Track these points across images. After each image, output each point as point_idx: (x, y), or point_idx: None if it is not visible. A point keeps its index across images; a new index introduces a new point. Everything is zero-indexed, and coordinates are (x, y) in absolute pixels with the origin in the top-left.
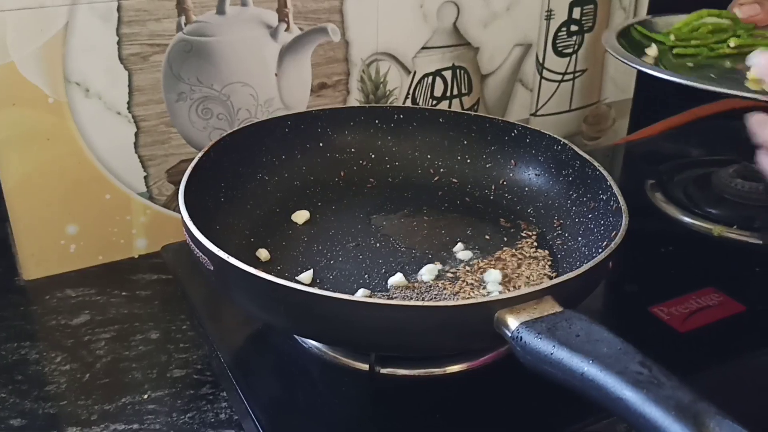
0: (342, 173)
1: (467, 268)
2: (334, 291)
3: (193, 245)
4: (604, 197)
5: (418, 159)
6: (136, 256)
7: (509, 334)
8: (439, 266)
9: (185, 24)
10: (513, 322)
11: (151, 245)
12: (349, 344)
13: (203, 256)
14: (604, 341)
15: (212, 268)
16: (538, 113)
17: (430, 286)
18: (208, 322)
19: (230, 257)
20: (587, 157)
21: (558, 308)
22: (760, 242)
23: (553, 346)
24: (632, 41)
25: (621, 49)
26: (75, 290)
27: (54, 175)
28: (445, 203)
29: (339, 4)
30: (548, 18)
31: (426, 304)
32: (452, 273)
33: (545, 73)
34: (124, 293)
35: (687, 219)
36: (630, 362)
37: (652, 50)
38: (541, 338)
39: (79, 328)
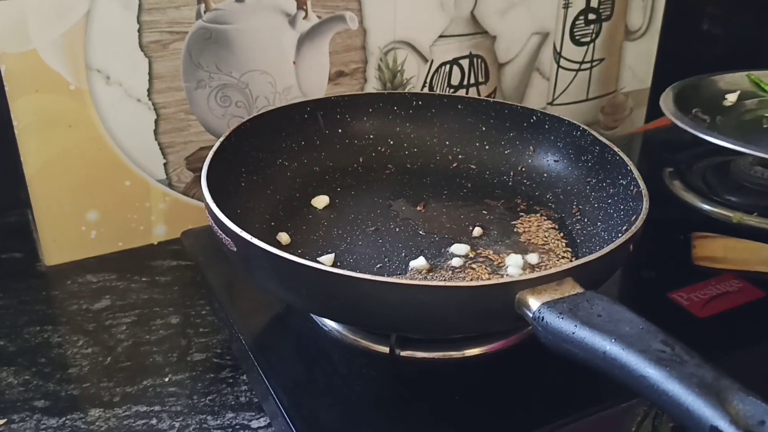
0: (361, 159)
1: (488, 252)
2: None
3: (216, 227)
4: (624, 182)
5: (437, 145)
6: (156, 243)
7: (530, 315)
8: (467, 247)
9: (205, 11)
10: (534, 302)
11: (170, 232)
12: (370, 325)
13: (226, 238)
14: (626, 321)
15: (235, 249)
16: (555, 102)
17: (452, 269)
18: (228, 306)
19: (253, 238)
20: (607, 142)
21: (579, 289)
22: None
23: (575, 325)
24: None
25: (674, 108)
26: (96, 276)
27: (75, 162)
28: (464, 189)
29: None
30: (566, 7)
31: (448, 284)
32: (472, 257)
33: (562, 62)
34: (144, 279)
35: (706, 206)
36: (652, 341)
37: (733, 96)
38: (563, 318)
39: (100, 312)
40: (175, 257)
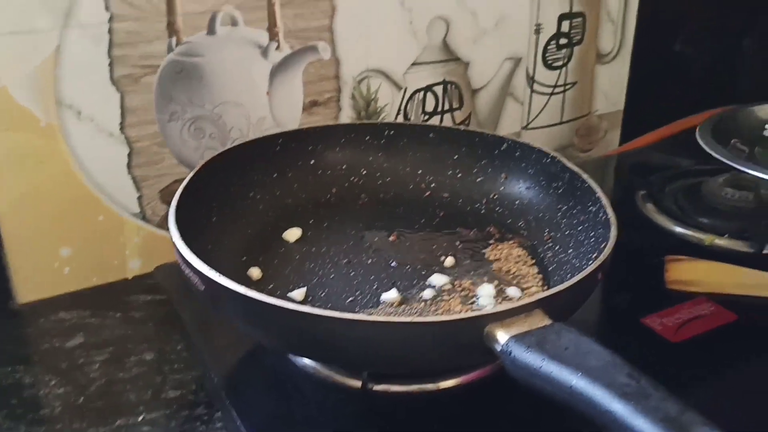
0: (334, 190)
1: (460, 282)
2: (326, 308)
3: (183, 265)
4: (593, 209)
5: (410, 174)
6: (130, 278)
7: (499, 349)
8: (446, 278)
9: (176, 45)
10: (503, 336)
11: (145, 266)
12: (340, 362)
13: (194, 276)
14: (593, 353)
15: (203, 289)
16: (530, 126)
17: (424, 301)
18: (201, 343)
19: (220, 276)
20: (576, 169)
21: (547, 321)
22: (752, 251)
23: (542, 359)
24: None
25: (712, 140)
26: (69, 312)
27: (47, 198)
28: (437, 218)
29: (329, 23)
30: (537, 32)
31: (415, 320)
32: (446, 288)
33: (536, 87)
34: (118, 315)
35: (679, 229)
36: (618, 374)
37: None
38: (530, 352)
39: (74, 350)
40: (150, 292)
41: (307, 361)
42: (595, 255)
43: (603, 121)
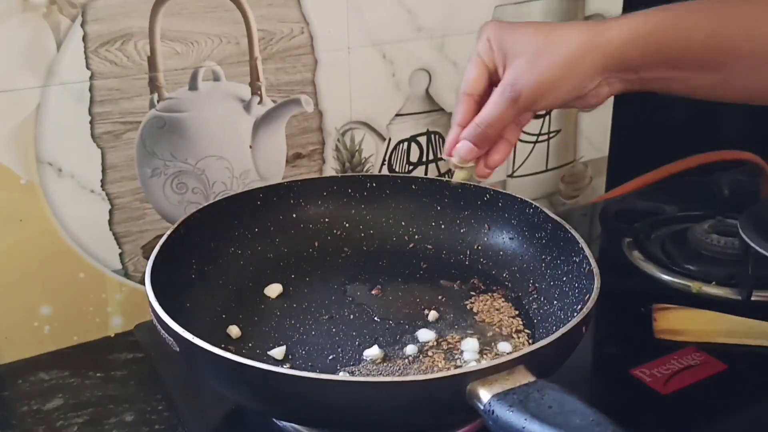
0: (316, 244)
1: (443, 337)
2: (306, 366)
3: (159, 326)
4: (577, 260)
5: (393, 227)
6: (112, 335)
7: (482, 407)
8: (433, 334)
9: (158, 101)
10: (485, 394)
11: (128, 323)
12: (320, 423)
13: (169, 338)
14: (577, 412)
15: (179, 350)
16: (515, 174)
17: (407, 358)
18: (180, 404)
19: (195, 338)
20: (559, 219)
21: (531, 378)
22: (739, 298)
23: (525, 419)
24: None
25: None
26: (48, 373)
27: (27, 256)
28: (420, 270)
29: (311, 76)
30: None
31: (395, 379)
32: (428, 343)
33: (520, 135)
34: (99, 374)
35: (666, 277)
36: None
37: None
38: (513, 411)
39: (52, 412)
40: (132, 350)
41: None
42: (579, 307)
43: (588, 167)
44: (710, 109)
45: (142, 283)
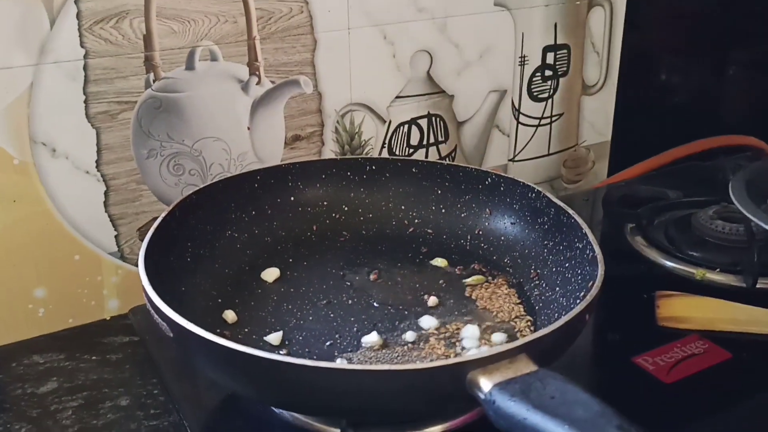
0: (314, 227)
1: (443, 323)
2: (304, 352)
3: (152, 311)
4: (580, 245)
5: (392, 210)
6: (108, 318)
7: (482, 397)
8: (435, 321)
9: (154, 81)
10: (486, 383)
11: (124, 306)
12: (317, 411)
13: (162, 323)
14: (580, 403)
15: (172, 335)
16: (517, 159)
17: (406, 344)
18: (176, 388)
19: (188, 323)
20: (562, 204)
21: (533, 367)
22: (744, 285)
23: (527, 409)
24: None
25: (747, 199)
26: (43, 356)
27: (21, 238)
28: (420, 255)
29: (310, 57)
30: (522, 64)
31: (394, 367)
32: (428, 330)
33: (522, 119)
34: (94, 357)
35: (669, 263)
36: (607, 426)
37: None
38: (514, 401)
39: (46, 396)
40: (128, 333)
41: None
42: (582, 294)
43: (590, 152)
44: (714, 93)
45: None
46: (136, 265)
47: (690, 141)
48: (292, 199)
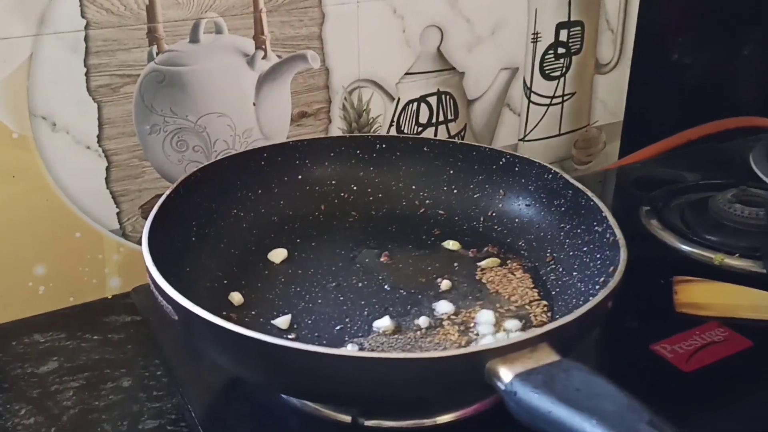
0: (322, 207)
1: (457, 308)
2: (313, 337)
3: (156, 293)
4: (600, 229)
5: (403, 190)
6: (110, 297)
7: (503, 388)
8: (451, 306)
9: (157, 53)
10: (506, 374)
11: (126, 285)
12: (328, 400)
13: (167, 305)
14: (608, 396)
15: (177, 318)
16: (527, 138)
17: (419, 329)
18: (179, 370)
19: (195, 306)
20: (580, 186)
21: (555, 357)
22: (764, 271)
23: (551, 402)
24: None
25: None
26: (43, 335)
27: (20, 214)
28: (432, 237)
29: (318, 31)
30: (535, 41)
31: (410, 355)
32: (441, 315)
33: (533, 97)
34: (95, 337)
35: (686, 247)
36: (638, 422)
37: None
38: (537, 393)
39: (47, 376)
40: (130, 312)
41: None
42: (602, 279)
43: (602, 132)
44: (728, 73)
45: (141, 243)
46: (139, 243)
47: (704, 122)
48: (300, 177)
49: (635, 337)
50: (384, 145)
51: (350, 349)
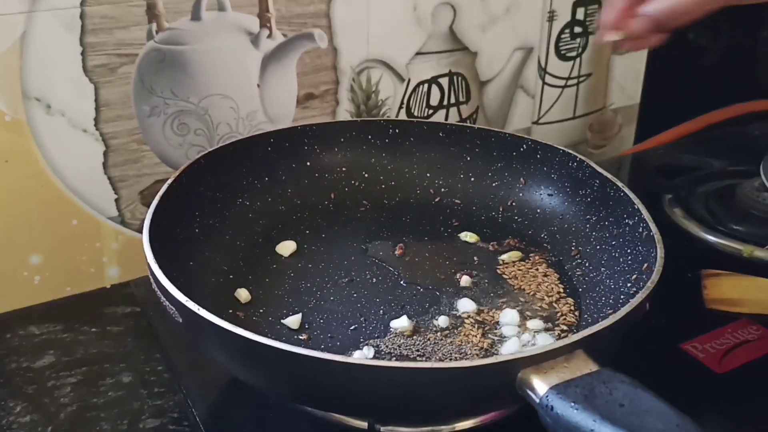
0: (332, 195)
1: (478, 307)
2: (326, 338)
3: (158, 292)
4: (630, 222)
5: (417, 178)
6: (108, 286)
7: (537, 401)
8: (473, 305)
9: (157, 32)
10: (541, 385)
11: (125, 274)
12: (345, 411)
13: (170, 306)
14: (656, 413)
15: (181, 320)
16: (541, 121)
17: (439, 330)
18: (180, 365)
19: (201, 309)
20: (608, 175)
21: (593, 366)
22: None
23: (594, 420)
24: None
25: None
26: (39, 327)
27: (13, 201)
28: (449, 228)
29: (326, 8)
30: (550, 20)
31: (435, 365)
32: (463, 314)
33: (548, 79)
34: (93, 329)
35: (712, 238)
36: None
37: None
38: (577, 409)
39: (43, 371)
40: (130, 303)
41: None
42: (634, 277)
43: (618, 115)
44: (748, 55)
45: (140, 231)
46: (138, 231)
47: (724, 106)
48: (308, 164)
49: (664, 335)
50: (397, 130)
51: (371, 358)
